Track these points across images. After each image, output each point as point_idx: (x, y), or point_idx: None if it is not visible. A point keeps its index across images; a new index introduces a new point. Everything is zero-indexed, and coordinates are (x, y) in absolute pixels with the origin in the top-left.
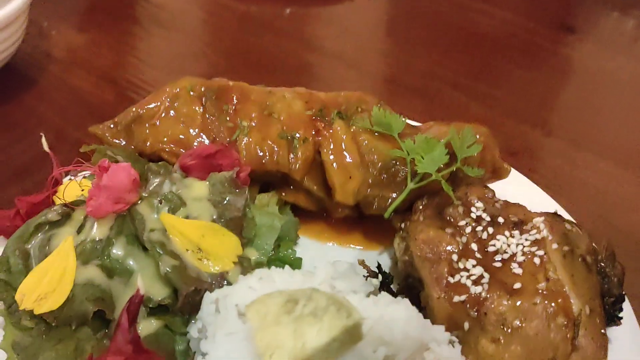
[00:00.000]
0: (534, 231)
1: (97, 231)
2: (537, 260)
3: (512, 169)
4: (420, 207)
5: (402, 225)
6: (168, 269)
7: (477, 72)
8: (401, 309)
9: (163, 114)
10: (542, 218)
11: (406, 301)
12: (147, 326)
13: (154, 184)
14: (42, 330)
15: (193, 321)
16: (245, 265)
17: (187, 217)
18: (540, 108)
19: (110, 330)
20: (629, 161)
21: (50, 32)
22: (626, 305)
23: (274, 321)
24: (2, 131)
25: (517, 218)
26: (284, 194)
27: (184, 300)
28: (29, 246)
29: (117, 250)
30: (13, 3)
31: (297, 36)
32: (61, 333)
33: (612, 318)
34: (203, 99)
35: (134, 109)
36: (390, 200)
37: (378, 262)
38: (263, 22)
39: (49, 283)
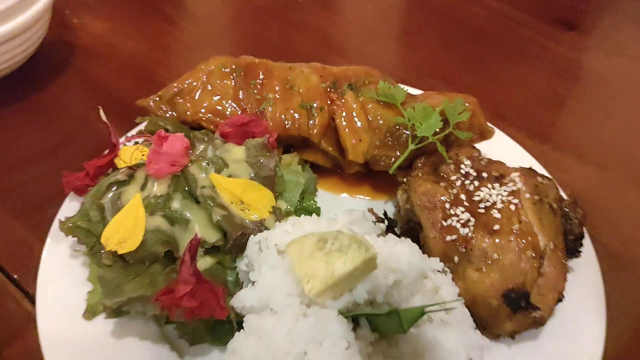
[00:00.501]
0: (511, 184)
1: (157, 188)
2: (512, 207)
3: (497, 130)
4: (419, 164)
5: (404, 179)
6: (219, 218)
7: (470, 68)
8: (405, 246)
9: (200, 89)
10: (518, 173)
11: (409, 240)
12: (204, 263)
13: (200, 149)
14: (121, 267)
15: (239, 259)
16: (278, 214)
17: (229, 176)
18: (527, 109)
19: (176, 266)
20: (614, 166)
21: (72, 20)
22: (588, 242)
23: (309, 256)
24: (28, 119)
25: (498, 173)
26: (304, 154)
27: (233, 242)
28: (104, 201)
29: (175, 204)
30: (39, 4)
31: (306, 26)
32: (137, 269)
33: (574, 252)
34: (233, 75)
35: (175, 84)
36: (394, 158)
37: (384, 210)
38: (273, 13)
39: (125, 230)
